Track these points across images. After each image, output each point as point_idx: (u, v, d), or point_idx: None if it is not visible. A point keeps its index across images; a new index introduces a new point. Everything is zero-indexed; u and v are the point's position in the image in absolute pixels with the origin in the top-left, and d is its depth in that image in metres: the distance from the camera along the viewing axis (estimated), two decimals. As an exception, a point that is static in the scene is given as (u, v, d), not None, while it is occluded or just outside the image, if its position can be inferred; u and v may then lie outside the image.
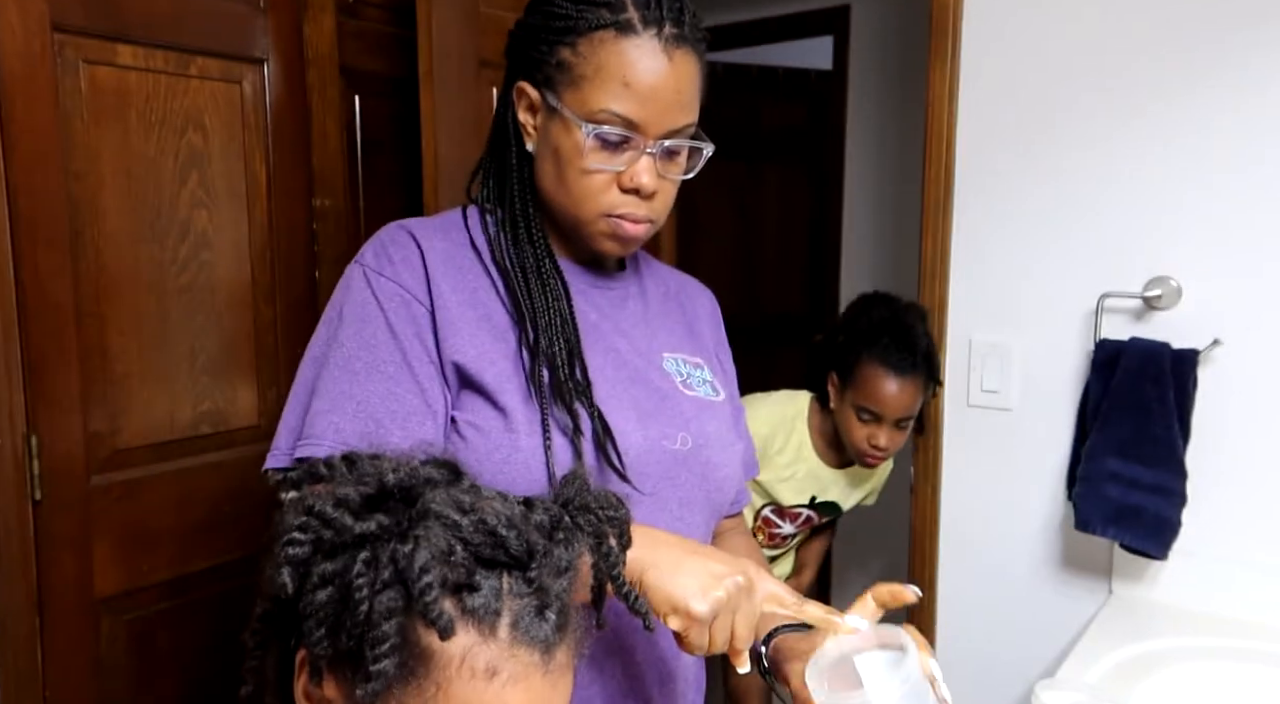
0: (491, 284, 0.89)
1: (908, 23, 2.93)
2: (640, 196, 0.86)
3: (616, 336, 0.94)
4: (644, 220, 0.88)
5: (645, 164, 0.85)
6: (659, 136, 0.85)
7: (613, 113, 0.83)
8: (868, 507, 2.03)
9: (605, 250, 0.91)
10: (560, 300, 0.89)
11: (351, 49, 1.66)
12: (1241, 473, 1.40)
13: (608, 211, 0.86)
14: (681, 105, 0.85)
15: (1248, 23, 1.34)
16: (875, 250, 3.14)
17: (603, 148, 0.84)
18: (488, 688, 0.52)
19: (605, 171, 0.85)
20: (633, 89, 0.83)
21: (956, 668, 1.68)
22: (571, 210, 0.88)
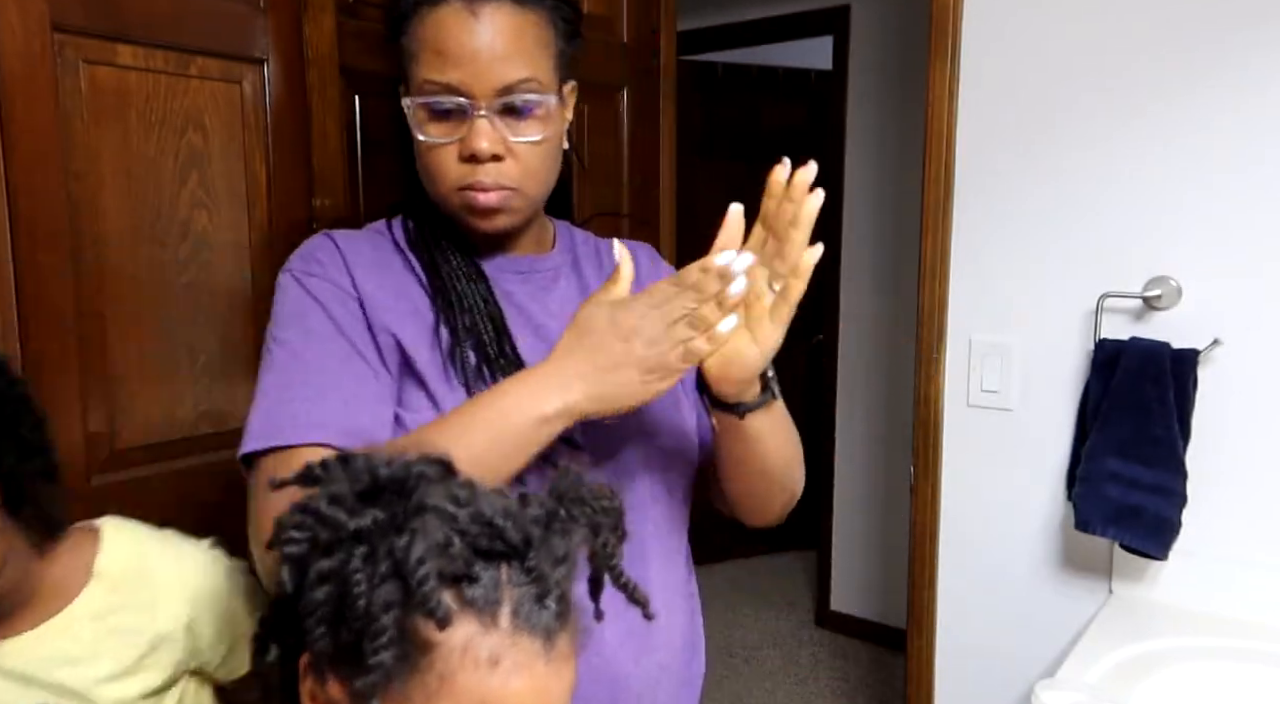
0: (417, 281, 0.90)
1: (908, 23, 2.93)
2: (479, 162, 0.84)
3: (545, 317, 0.92)
4: (495, 188, 0.85)
5: (478, 128, 0.83)
6: (490, 97, 0.83)
7: (432, 82, 0.83)
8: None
9: (474, 228, 0.89)
10: (478, 283, 0.89)
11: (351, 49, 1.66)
12: (1241, 473, 1.40)
13: (456, 185, 0.85)
14: (502, 59, 0.82)
15: (1248, 23, 1.34)
16: (875, 250, 3.14)
17: (435, 120, 0.84)
18: (491, 677, 0.53)
19: (444, 144, 0.84)
20: (445, 54, 0.82)
21: (956, 668, 1.69)
22: (434, 194, 0.88)
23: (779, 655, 3.18)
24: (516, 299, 0.92)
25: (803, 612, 3.50)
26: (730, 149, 3.70)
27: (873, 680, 3.02)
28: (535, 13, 0.86)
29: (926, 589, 1.69)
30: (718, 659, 3.15)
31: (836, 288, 3.23)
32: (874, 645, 3.22)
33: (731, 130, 3.70)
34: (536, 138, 0.86)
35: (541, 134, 0.86)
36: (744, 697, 2.92)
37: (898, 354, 3.09)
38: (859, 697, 2.92)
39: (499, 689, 0.53)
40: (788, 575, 3.81)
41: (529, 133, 0.86)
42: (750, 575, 3.82)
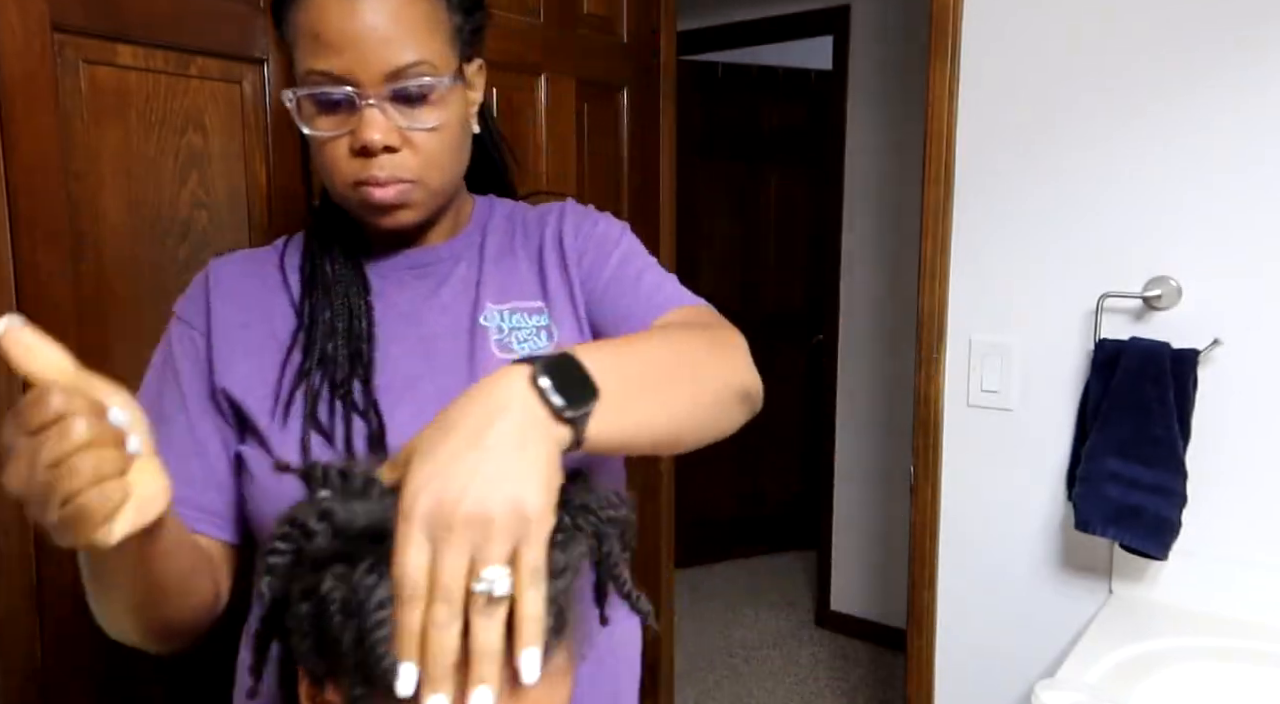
0: (289, 300, 0.85)
1: (908, 23, 2.94)
2: (372, 155, 0.77)
3: (437, 316, 0.86)
4: (391, 182, 0.79)
5: (368, 118, 0.76)
6: (378, 84, 0.76)
7: (314, 71, 0.76)
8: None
9: (376, 225, 0.83)
10: (358, 299, 0.84)
11: (351, 49, 1.66)
12: (1241, 473, 1.40)
13: (350, 181, 0.79)
14: (388, 42, 0.75)
15: (1248, 23, 1.34)
16: (875, 250, 3.14)
17: (323, 112, 0.78)
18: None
19: (334, 137, 0.78)
20: (324, 40, 0.75)
21: (956, 668, 1.69)
22: (331, 193, 0.83)
23: (779, 655, 3.18)
24: (404, 307, 0.86)
25: (803, 612, 3.50)
26: (730, 149, 3.70)
27: (873, 680, 3.02)
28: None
29: (926, 589, 1.69)
30: (718, 659, 3.15)
31: (836, 288, 3.23)
32: (874, 645, 3.22)
33: (731, 130, 3.70)
34: (433, 124, 0.79)
35: (439, 120, 0.79)
36: (744, 697, 2.92)
37: (898, 354, 3.09)
38: (859, 697, 2.92)
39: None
40: (788, 575, 3.81)
41: (425, 119, 0.79)
42: (750, 575, 3.82)
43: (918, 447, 1.69)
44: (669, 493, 2.17)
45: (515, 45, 1.67)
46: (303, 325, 0.83)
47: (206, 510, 0.82)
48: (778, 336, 3.83)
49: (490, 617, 0.49)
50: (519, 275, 0.90)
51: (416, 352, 0.84)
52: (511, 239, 0.92)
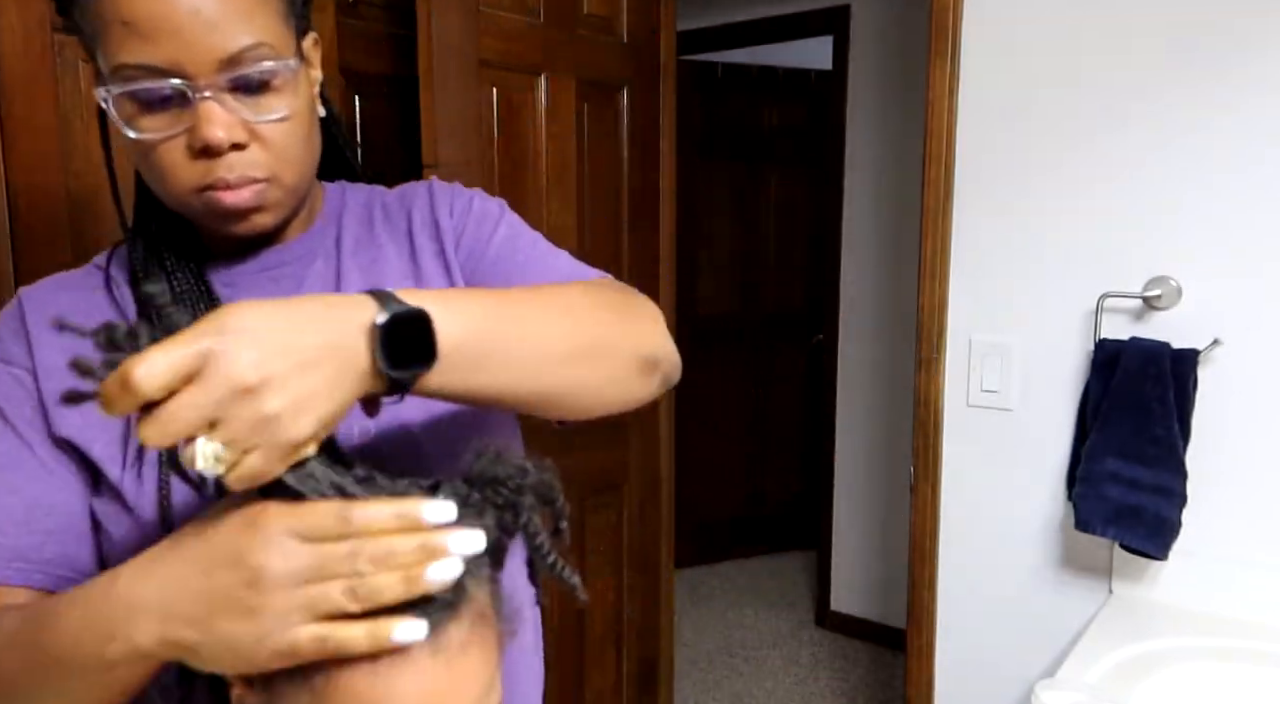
0: (120, 313, 0.75)
1: (908, 23, 2.93)
2: (216, 155, 0.66)
3: None
4: (244, 183, 0.68)
5: (205, 113, 0.64)
6: (211, 72, 0.64)
7: (128, 66, 0.63)
8: None
9: (229, 232, 0.72)
10: (204, 310, 0.72)
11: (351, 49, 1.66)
12: (1241, 473, 1.40)
13: (194, 187, 0.67)
14: (216, 25, 0.63)
15: (1248, 23, 1.34)
16: (875, 250, 3.14)
17: (147, 111, 0.65)
18: (372, 676, 0.50)
19: (166, 138, 0.66)
20: (136, 28, 0.62)
21: (957, 668, 1.69)
22: (166, 198, 0.70)
23: (779, 655, 3.18)
24: None
25: (803, 612, 3.50)
26: (730, 149, 3.70)
27: (873, 680, 3.02)
28: None
29: (926, 589, 1.69)
30: (718, 659, 3.15)
31: (836, 288, 3.23)
32: (874, 645, 3.22)
33: (731, 130, 3.70)
34: (283, 113, 0.69)
35: (288, 107, 0.69)
36: (744, 697, 2.92)
37: (898, 354, 3.09)
38: (859, 697, 2.92)
39: (383, 688, 0.50)
40: (788, 575, 3.81)
41: (272, 109, 0.68)
42: (750, 575, 3.82)
43: (918, 447, 1.69)
44: (669, 493, 2.17)
45: (515, 45, 1.67)
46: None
47: (84, 573, 0.71)
48: (778, 337, 3.83)
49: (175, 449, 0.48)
50: (385, 263, 0.81)
51: None
52: (371, 227, 0.84)
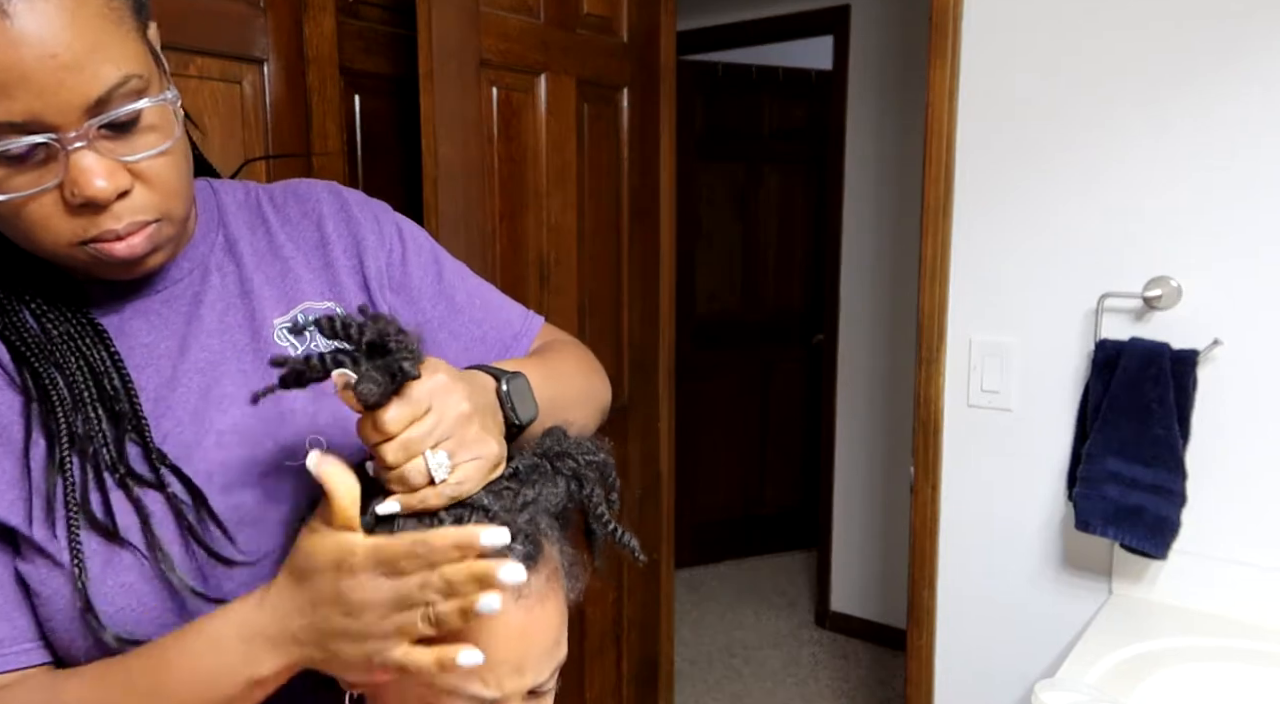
0: (1, 376, 0.65)
1: (908, 23, 2.94)
2: (100, 209, 0.59)
3: (206, 340, 0.71)
4: (136, 229, 0.62)
5: (84, 163, 0.57)
6: (77, 120, 0.57)
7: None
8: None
9: (118, 278, 0.66)
10: (92, 349, 0.66)
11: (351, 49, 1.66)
12: (1241, 473, 1.40)
13: (74, 242, 0.60)
14: (71, 66, 0.55)
15: (1248, 24, 1.34)
16: (875, 250, 3.14)
17: (11, 167, 0.57)
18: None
19: (33, 196, 0.58)
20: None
21: (957, 668, 1.69)
22: (38, 253, 0.62)
23: (779, 655, 3.18)
24: (161, 343, 0.70)
25: (803, 612, 3.50)
26: (730, 149, 3.70)
27: (873, 680, 3.02)
28: None
29: (926, 589, 1.69)
30: (718, 659, 3.15)
31: (836, 288, 3.23)
32: (874, 645, 3.22)
33: (731, 130, 3.70)
34: (163, 147, 0.62)
35: (165, 140, 0.62)
36: (744, 697, 2.91)
37: (898, 354, 3.09)
38: (859, 697, 2.92)
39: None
40: (788, 575, 3.81)
41: (148, 145, 0.61)
42: (750, 575, 3.82)
43: (918, 447, 1.69)
44: (669, 493, 2.17)
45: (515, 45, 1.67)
46: (29, 406, 0.63)
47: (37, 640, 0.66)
48: (778, 337, 3.83)
49: (400, 484, 0.59)
50: (297, 278, 0.76)
51: (197, 388, 0.69)
52: (267, 231, 0.77)
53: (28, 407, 0.63)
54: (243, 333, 0.72)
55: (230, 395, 0.70)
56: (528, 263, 1.74)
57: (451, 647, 0.55)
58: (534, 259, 1.76)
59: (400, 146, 1.75)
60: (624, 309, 2.00)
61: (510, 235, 1.70)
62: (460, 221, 1.58)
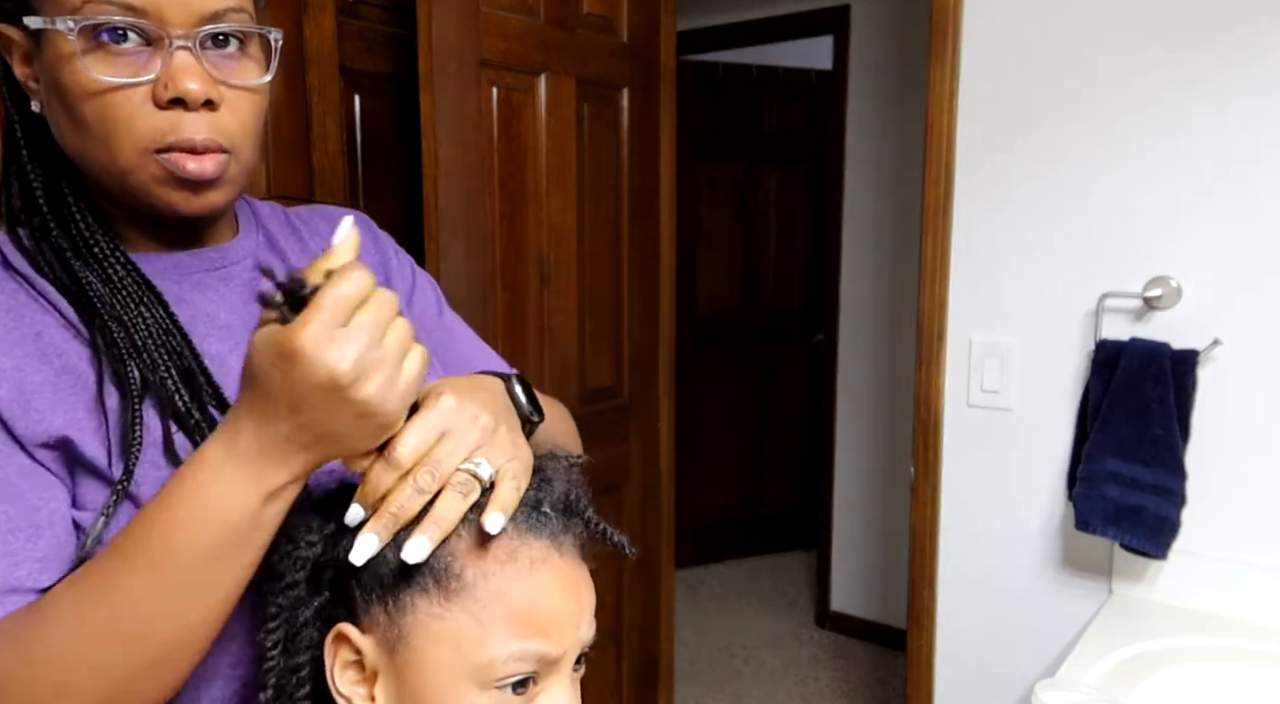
0: (59, 318, 0.63)
1: (908, 23, 2.94)
2: (190, 108, 0.61)
3: (251, 323, 0.70)
4: (212, 148, 0.62)
5: (182, 61, 0.60)
6: (190, 23, 0.60)
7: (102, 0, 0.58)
8: None
9: (175, 208, 0.64)
10: (150, 309, 0.65)
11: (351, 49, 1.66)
12: (1241, 473, 1.40)
13: (153, 146, 0.61)
14: None
15: (1246, 25, 1.34)
16: (875, 250, 3.14)
17: (111, 54, 0.59)
18: (519, 579, 0.56)
19: (128, 85, 0.60)
20: None
21: (956, 668, 1.69)
22: (106, 161, 0.62)
23: (779, 655, 3.18)
24: (221, 317, 0.70)
25: (803, 612, 3.50)
26: (730, 149, 3.70)
27: (873, 680, 3.02)
28: None
29: (926, 589, 1.69)
30: (718, 659, 3.15)
31: (836, 288, 3.23)
32: (874, 645, 3.22)
33: (731, 130, 3.70)
34: (254, 82, 0.65)
35: (258, 76, 0.65)
36: (744, 697, 2.92)
37: (898, 354, 3.09)
38: (859, 697, 2.92)
39: (530, 581, 0.56)
40: (788, 575, 3.81)
41: (243, 75, 0.64)
42: (750, 575, 3.82)
43: (918, 446, 1.69)
44: (669, 493, 2.17)
45: (515, 45, 1.67)
46: (98, 356, 0.62)
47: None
48: (778, 337, 3.83)
49: (463, 495, 0.57)
50: None
51: (241, 353, 0.68)
52: (300, 240, 0.80)
53: (96, 356, 0.62)
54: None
55: None
56: (528, 263, 1.74)
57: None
58: (534, 259, 1.76)
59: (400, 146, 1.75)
60: (624, 309, 2.00)
61: (510, 235, 1.70)
62: (460, 221, 1.58)
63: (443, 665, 0.54)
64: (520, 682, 0.55)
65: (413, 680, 0.55)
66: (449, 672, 0.54)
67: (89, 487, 0.61)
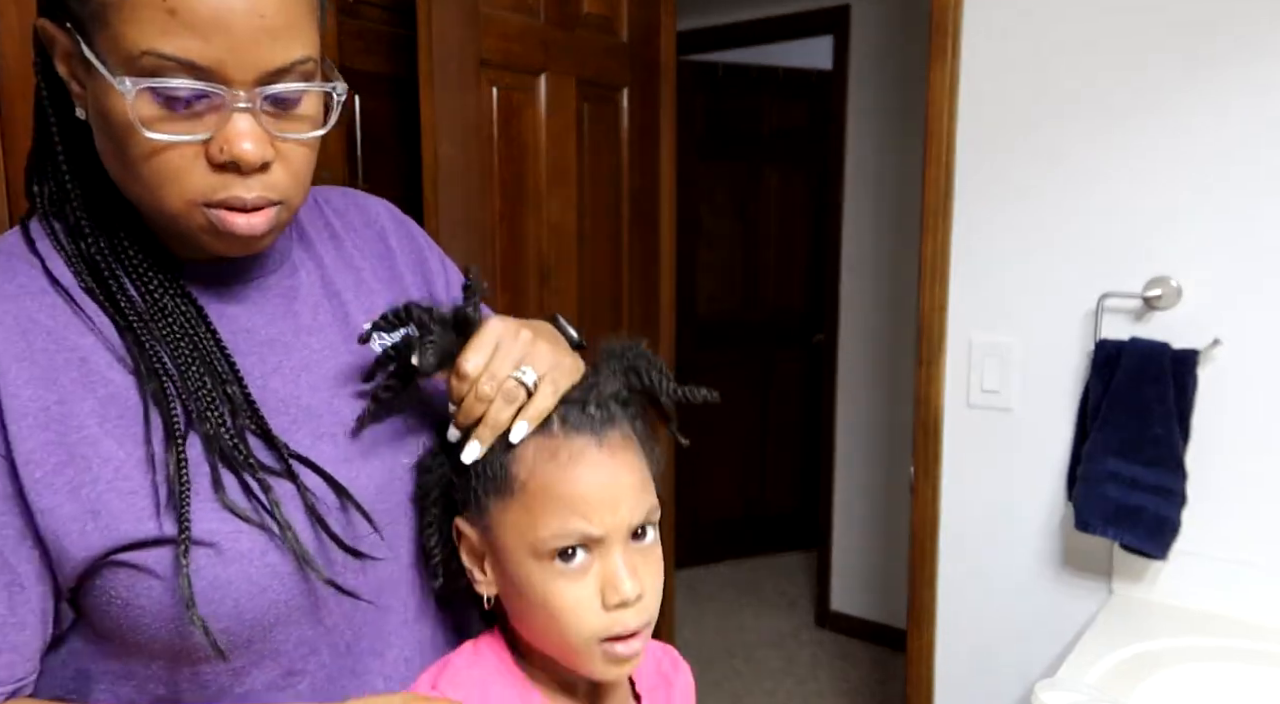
0: (103, 340, 0.62)
1: (908, 23, 2.93)
2: (242, 173, 0.60)
3: (306, 338, 0.71)
4: (262, 205, 0.61)
5: (241, 125, 0.58)
6: (253, 82, 0.58)
7: (162, 56, 0.56)
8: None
9: (220, 253, 0.64)
10: (193, 326, 0.64)
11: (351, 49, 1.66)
12: (1241, 473, 1.40)
13: (200, 200, 0.60)
14: (272, 31, 0.57)
15: (1248, 26, 1.34)
16: (875, 250, 3.14)
17: (167, 108, 0.57)
18: (561, 469, 0.67)
19: (181, 143, 0.58)
20: (183, 17, 0.55)
21: (957, 668, 1.69)
22: (151, 202, 0.61)
23: (779, 656, 3.18)
24: (262, 332, 0.69)
25: (803, 612, 3.50)
26: (730, 149, 3.70)
27: (873, 681, 3.02)
28: None
29: (926, 589, 1.69)
30: (718, 659, 3.15)
31: (836, 288, 3.23)
32: (874, 645, 3.22)
33: (731, 130, 3.70)
34: (309, 135, 0.63)
35: (314, 128, 0.64)
36: (744, 697, 2.91)
37: (898, 354, 3.09)
38: (859, 697, 2.92)
39: (567, 473, 0.67)
40: (788, 575, 3.81)
41: (298, 129, 0.62)
42: (750, 575, 3.82)
43: (918, 447, 1.69)
44: (669, 493, 2.17)
45: (515, 45, 1.67)
46: (142, 386, 0.61)
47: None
48: (778, 337, 3.83)
49: (510, 402, 0.66)
50: (369, 287, 0.78)
51: (301, 383, 0.69)
52: (334, 236, 0.79)
53: (141, 386, 0.61)
54: (335, 334, 0.73)
55: (330, 392, 0.70)
56: (528, 263, 1.74)
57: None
58: (534, 259, 1.76)
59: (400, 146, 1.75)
60: (624, 309, 2.00)
61: (510, 235, 1.70)
62: (460, 221, 1.58)
63: (512, 545, 0.68)
64: (566, 551, 0.67)
65: (500, 556, 0.69)
66: (517, 550, 0.68)
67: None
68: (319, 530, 0.63)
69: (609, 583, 0.66)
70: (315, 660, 0.66)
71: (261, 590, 0.61)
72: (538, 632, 0.69)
